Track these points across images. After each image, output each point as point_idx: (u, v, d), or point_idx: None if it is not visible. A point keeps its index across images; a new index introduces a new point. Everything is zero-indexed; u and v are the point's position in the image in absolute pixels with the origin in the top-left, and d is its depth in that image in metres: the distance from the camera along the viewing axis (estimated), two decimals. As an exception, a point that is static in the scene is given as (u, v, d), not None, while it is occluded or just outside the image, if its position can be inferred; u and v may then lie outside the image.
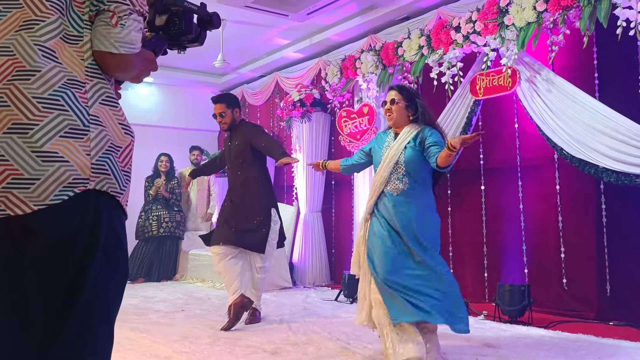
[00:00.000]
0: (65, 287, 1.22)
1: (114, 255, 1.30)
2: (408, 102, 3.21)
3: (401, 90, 3.27)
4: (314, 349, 3.50)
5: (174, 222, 7.34)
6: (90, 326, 1.26)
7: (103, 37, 1.30)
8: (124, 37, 1.30)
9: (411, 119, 3.22)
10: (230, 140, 4.56)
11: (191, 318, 4.60)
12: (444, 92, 4.98)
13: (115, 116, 1.33)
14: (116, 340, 3.99)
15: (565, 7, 3.91)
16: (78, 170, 1.22)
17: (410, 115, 3.22)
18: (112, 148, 1.30)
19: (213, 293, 6.05)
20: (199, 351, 3.47)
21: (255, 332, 3.99)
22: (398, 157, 3.12)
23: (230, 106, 4.50)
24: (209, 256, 6.84)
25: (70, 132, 1.22)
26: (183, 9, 1.51)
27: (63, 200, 1.20)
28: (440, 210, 5.52)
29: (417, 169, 3.12)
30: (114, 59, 1.31)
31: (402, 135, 3.18)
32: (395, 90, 3.27)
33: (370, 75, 5.61)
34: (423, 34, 5.06)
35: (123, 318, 4.54)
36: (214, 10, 1.64)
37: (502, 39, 4.36)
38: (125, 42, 1.31)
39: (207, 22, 1.59)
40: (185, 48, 1.62)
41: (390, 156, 3.14)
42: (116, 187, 1.30)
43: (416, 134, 3.14)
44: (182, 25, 1.52)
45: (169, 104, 8.98)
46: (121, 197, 1.33)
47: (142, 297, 5.75)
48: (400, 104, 3.21)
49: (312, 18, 5.98)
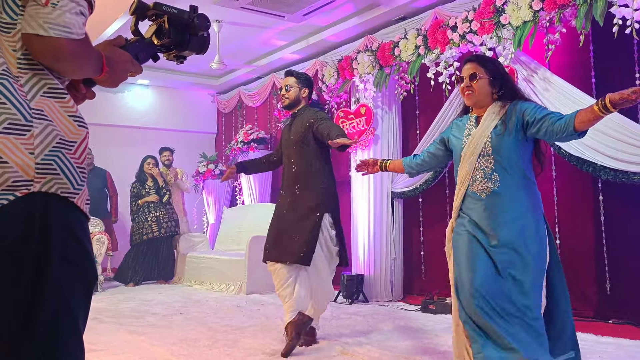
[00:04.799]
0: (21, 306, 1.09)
1: (76, 261, 1.18)
2: (492, 76, 2.58)
3: (483, 62, 2.62)
4: (312, 351, 3.49)
5: (172, 221, 7.29)
6: (58, 345, 1.14)
7: (31, 18, 1.12)
8: (54, 17, 1.12)
9: (496, 96, 2.59)
10: (291, 128, 3.89)
11: (189, 321, 4.58)
12: (441, 92, 4.98)
13: (63, 108, 1.19)
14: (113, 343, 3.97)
15: (561, 6, 3.91)
16: (19, 172, 1.09)
17: (495, 92, 2.58)
18: (63, 143, 1.16)
19: (211, 295, 6.04)
20: (197, 354, 3.45)
21: (253, 334, 3.98)
22: (484, 145, 2.51)
23: (300, 83, 3.89)
24: (207, 258, 6.83)
25: (10, 128, 1.09)
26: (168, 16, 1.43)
27: (2, 205, 1.07)
28: (438, 210, 5.60)
29: (512, 159, 2.48)
30: (42, 43, 1.13)
31: (486, 118, 2.56)
32: (476, 62, 2.61)
33: (367, 76, 5.60)
34: (419, 33, 5.06)
35: (120, 321, 4.54)
36: (209, 12, 1.60)
37: (499, 38, 4.36)
38: (57, 23, 1.12)
39: (192, 26, 1.47)
40: (180, 57, 1.53)
41: (473, 146, 2.53)
42: (68, 187, 1.16)
43: (507, 115, 2.52)
44: (170, 34, 1.45)
45: (165, 106, 8.97)
46: (76, 197, 1.18)
47: (139, 300, 5.73)
48: (483, 79, 2.56)
49: (309, 19, 5.97)
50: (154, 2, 1.44)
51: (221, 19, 6.07)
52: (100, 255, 6.53)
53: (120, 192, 7.66)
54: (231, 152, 8.03)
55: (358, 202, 5.78)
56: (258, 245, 5.73)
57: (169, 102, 9.00)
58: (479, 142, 2.52)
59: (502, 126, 2.49)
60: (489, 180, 2.48)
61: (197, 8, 1.51)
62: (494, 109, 2.56)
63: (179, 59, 1.54)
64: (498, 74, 2.58)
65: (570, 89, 4.13)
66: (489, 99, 2.59)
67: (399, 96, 5.48)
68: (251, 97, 8.24)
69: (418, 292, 5.67)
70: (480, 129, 2.54)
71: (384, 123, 5.74)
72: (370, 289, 5.56)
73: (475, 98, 2.59)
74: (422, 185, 5.38)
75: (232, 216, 7.74)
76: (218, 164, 8.49)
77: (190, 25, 1.47)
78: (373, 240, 5.54)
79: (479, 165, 2.51)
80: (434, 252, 5.59)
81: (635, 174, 3.79)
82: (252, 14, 5.82)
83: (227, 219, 7.79)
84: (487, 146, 2.50)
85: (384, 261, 5.58)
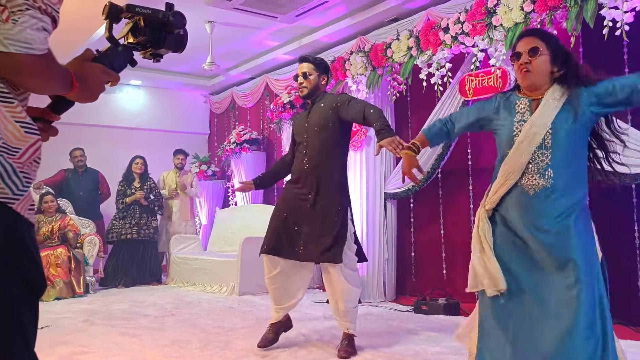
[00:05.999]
0: None
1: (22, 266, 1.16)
2: (554, 53, 2.23)
3: (544, 36, 2.27)
4: (304, 352, 3.48)
5: (152, 228, 7.26)
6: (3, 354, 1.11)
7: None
8: (15, 34, 1.12)
9: (556, 76, 2.24)
10: (309, 115, 3.63)
11: (181, 322, 4.56)
12: (433, 93, 4.99)
13: (9, 113, 1.18)
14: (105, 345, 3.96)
15: (552, 8, 3.94)
16: None
17: (556, 71, 2.24)
18: (4, 148, 1.15)
19: (204, 297, 6.02)
20: (190, 355, 3.44)
21: (245, 336, 3.97)
22: (543, 137, 2.18)
23: (319, 69, 3.62)
24: (199, 260, 6.81)
25: None
26: (142, 17, 1.42)
27: None
28: (431, 211, 5.61)
29: (572, 154, 2.19)
30: (3, 59, 1.13)
31: (546, 104, 2.21)
32: (537, 36, 2.26)
33: (360, 77, 5.60)
34: (412, 35, 5.07)
35: (112, 323, 4.52)
36: (202, 12, 1.58)
37: (490, 39, 4.38)
38: (18, 39, 1.13)
39: (168, 24, 1.46)
40: (157, 55, 1.51)
41: (532, 135, 2.18)
42: (7, 193, 1.15)
43: (573, 99, 2.19)
44: (146, 32, 1.43)
45: (157, 107, 8.94)
46: (16, 202, 1.17)
47: (131, 302, 5.70)
48: (544, 55, 2.21)
49: (301, 20, 5.97)
50: (127, 5, 1.42)
51: (213, 20, 6.06)
52: (92, 257, 6.50)
53: (113, 193, 7.64)
54: (224, 153, 8.01)
55: (352, 201, 5.77)
56: (251, 246, 5.73)
57: (162, 102, 8.97)
58: (538, 131, 2.17)
59: (566, 115, 2.17)
60: (542, 177, 2.17)
61: (172, 5, 1.49)
62: (556, 93, 2.21)
63: (155, 57, 1.53)
64: (562, 51, 2.25)
65: (562, 91, 4.15)
66: (548, 79, 2.24)
67: (391, 97, 5.49)
68: (244, 97, 8.23)
69: (410, 292, 5.68)
70: (540, 116, 2.19)
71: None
72: (363, 290, 5.55)
73: (533, 77, 2.23)
74: (414, 186, 5.39)
75: (225, 217, 7.73)
76: (210, 165, 8.48)
77: (166, 23, 1.46)
78: (366, 241, 5.54)
79: (533, 158, 2.19)
80: (425, 253, 5.60)
81: (627, 176, 3.81)
82: (245, 15, 5.81)
83: (220, 220, 7.77)
84: (547, 138, 2.17)
85: (377, 262, 5.59)
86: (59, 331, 4.23)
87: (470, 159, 5.16)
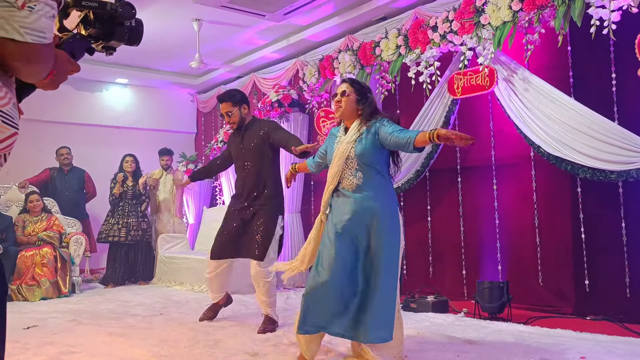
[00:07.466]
0: None
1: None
2: (359, 96, 3.10)
3: (353, 83, 3.17)
4: (295, 350, 3.47)
5: (140, 230, 7.20)
6: None
7: (4, 21, 1.06)
8: (31, 22, 1.08)
9: (359, 113, 3.10)
10: (242, 141, 4.26)
11: (170, 321, 4.53)
12: (422, 92, 5.01)
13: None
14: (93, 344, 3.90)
15: (540, 7, 3.96)
16: None
17: (360, 109, 3.10)
18: None
19: (192, 296, 5.98)
20: (179, 354, 3.42)
21: (235, 335, 3.95)
22: (349, 151, 3.00)
23: (237, 104, 4.21)
24: (187, 259, 6.77)
25: None
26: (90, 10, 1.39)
27: None
28: (419, 209, 5.62)
29: (371, 160, 3.00)
30: (19, 48, 1.09)
31: (352, 129, 3.07)
32: (347, 82, 3.16)
33: (348, 75, 5.60)
34: (400, 33, 5.08)
35: (99, 322, 4.47)
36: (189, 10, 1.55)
37: (479, 38, 4.40)
38: (34, 28, 1.08)
39: (117, 16, 1.43)
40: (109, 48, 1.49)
41: (342, 151, 3.02)
42: None
43: (369, 127, 3.04)
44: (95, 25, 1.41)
45: (144, 106, 8.87)
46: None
47: (119, 302, 5.65)
48: (350, 96, 3.09)
49: (289, 18, 5.96)
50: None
51: (201, 18, 6.02)
52: (78, 256, 6.43)
53: (100, 193, 7.56)
54: (211, 152, 7.97)
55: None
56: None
57: (148, 101, 8.90)
58: (346, 148, 3.01)
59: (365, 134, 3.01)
60: (355, 177, 2.99)
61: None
62: (360, 123, 3.06)
63: (108, 50, 1.50)
64: (365, 95, 3.10)
65: (550, 89, 4.18)
66: (354, 113, 3.10)
67: (379, 95, 5.50)
68: (231, 96, 8.18)
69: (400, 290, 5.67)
70: (347, 137, 3.05)
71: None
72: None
73: (342, 111, 3.10)
74: (404, 184, 5.40)
75: (212, 216, 7.67)
76: (198, 164, 8.42)
77: (114, 16, 1.43)
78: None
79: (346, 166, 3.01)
80: (413, 251, 5.61)
81: (613, 172, 3.86)
82: (232, 13, 5.78)
83: (207, 220, 7.73)
84: (351, 152, 3.00)
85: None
86: (46, 331, 4.18)
87: (458, 158, 5.19)
